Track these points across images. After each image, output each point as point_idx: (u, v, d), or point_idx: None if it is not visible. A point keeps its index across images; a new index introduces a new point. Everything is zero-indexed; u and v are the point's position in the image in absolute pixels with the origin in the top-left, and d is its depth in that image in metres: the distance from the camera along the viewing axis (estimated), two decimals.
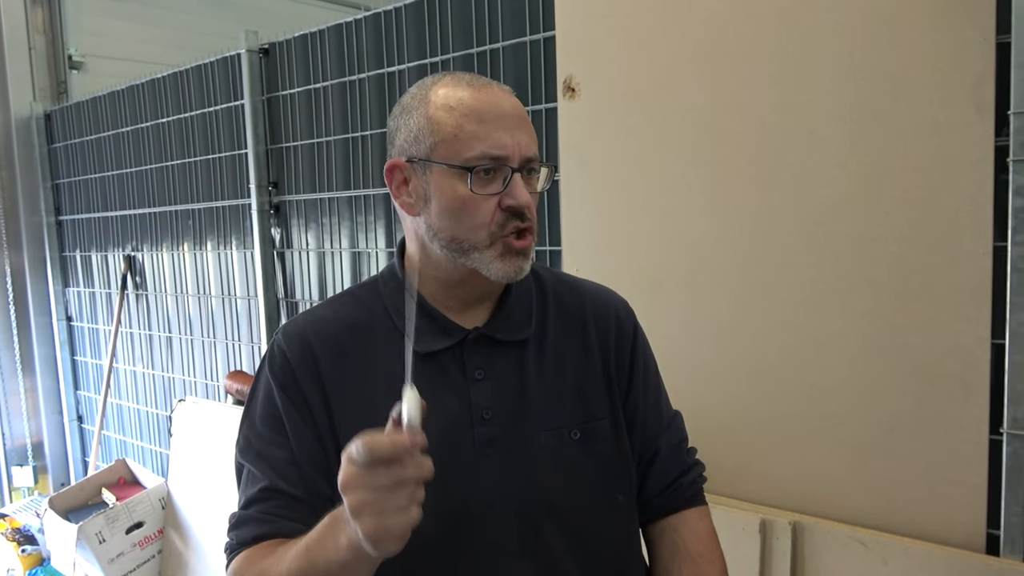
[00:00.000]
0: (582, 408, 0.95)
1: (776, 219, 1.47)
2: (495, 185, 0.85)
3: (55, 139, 3.68)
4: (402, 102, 0.92)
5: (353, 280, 2.42)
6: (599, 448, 0.95)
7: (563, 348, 0.96)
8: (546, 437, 0.92)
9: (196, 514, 2.69)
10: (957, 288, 1.29)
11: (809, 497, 1.47)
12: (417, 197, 0.89)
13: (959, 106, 1.26)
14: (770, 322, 1.49)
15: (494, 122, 0.85)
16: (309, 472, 0.87)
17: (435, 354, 0.90)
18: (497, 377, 0.91)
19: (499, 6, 1.92)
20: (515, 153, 0.85)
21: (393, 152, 0.92)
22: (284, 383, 0.90)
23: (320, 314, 0.96)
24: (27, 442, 3.81)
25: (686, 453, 1.05)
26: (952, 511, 1.32)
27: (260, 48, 2.59)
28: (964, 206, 1.27)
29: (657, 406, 1.03)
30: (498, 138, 0.84)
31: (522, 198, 0.85)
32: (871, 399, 1.39)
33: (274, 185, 2.63)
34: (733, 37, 1.49)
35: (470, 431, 0.89)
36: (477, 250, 0.87)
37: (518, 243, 0.87)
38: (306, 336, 0.92)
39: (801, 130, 1.42)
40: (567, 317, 0.99)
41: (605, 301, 1.03)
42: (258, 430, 0.91)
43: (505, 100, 0.87)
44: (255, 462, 0.90)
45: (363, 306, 0.95)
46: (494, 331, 0.93)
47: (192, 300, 3.05)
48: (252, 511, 0.88)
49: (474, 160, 0.84)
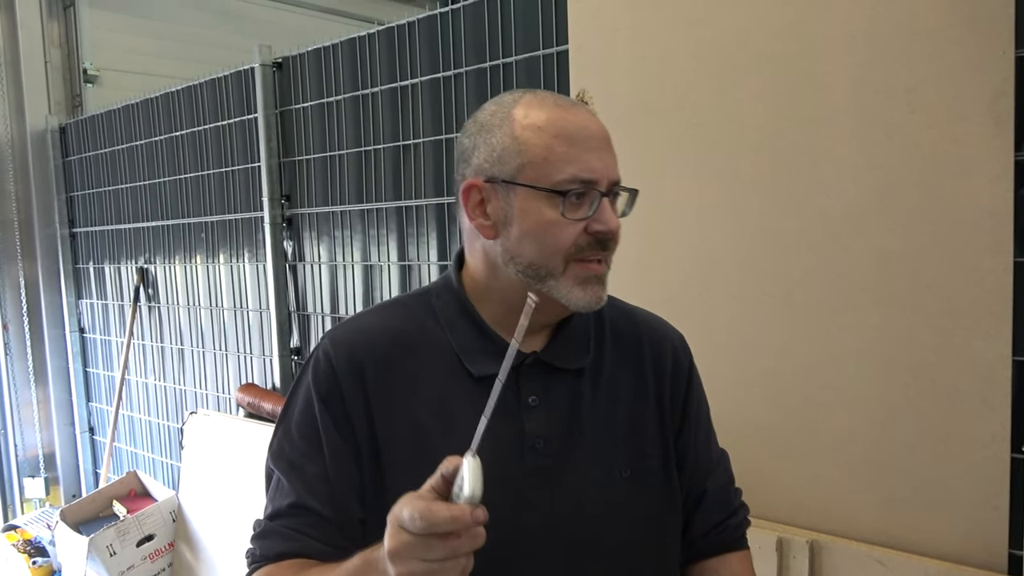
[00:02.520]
0: (634, 444, 0.92)
1: (791, 234, 1.46)
2: (583, 210, 0.82)
3: (70, 152, 3.71)
4: (479, 119, 0.88)
5: (365, 293, 2.42)
6: (649, 487, 0.92)
7: (618, 380, 0.93)
8: (596, 472, 0.88)
9: (207, 527, 2.68)
10: (976, 304, 1.27)
11: (826, 515, 1.45)
12: (496, 219, 0.85)
13: (977, 120, 1.25)
14: (786, 338, 1.48)
15: (584, 144, 0.82)
16: (341, 491, 0.85)
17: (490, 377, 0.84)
18: (551, 405, 0.88)
19: (512, 20, 1.93)
20: (604, 177, 0.83)
21: (468, 171, 0.87)
22: (326, 395, 0.86)
23: (369, 323, 0.92)
24: (39, 453, 3.82)
25: (733, 495, 1.02)
26: (973, 531, 1.30)
27: (274, 62, 2.61)
28: (983, 221, 1.25)
29: (707, 445, 1.00)
30: (588, 161, 0.82)
31: (612, 223, 0.83)
32: (889, 416, 1.37)
33: (287, 198, 2.64)
34: (747, 51, 1.48)
35: (520, 459, 0.86)
36: (554, 277, 0.83)
37: (598, 267, 0.84)
38: (354, 346, 0.88)
39: (816, 144, 1.41)
40: (623, 347, 0.95)
41: (662, 333, 0.99)
42: (293, 439, 0.88)
43: (593, 122, 0.85)
44: (286, 472, 0.87)
45: (413, 318, 0.91)
46: (552, 357, 0.89)
47: (204, 312, 3.06)
48: (278, 524, 0.86)
49: (565, 183, 0.81)
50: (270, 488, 0.90)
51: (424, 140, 2.17)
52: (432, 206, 2.19)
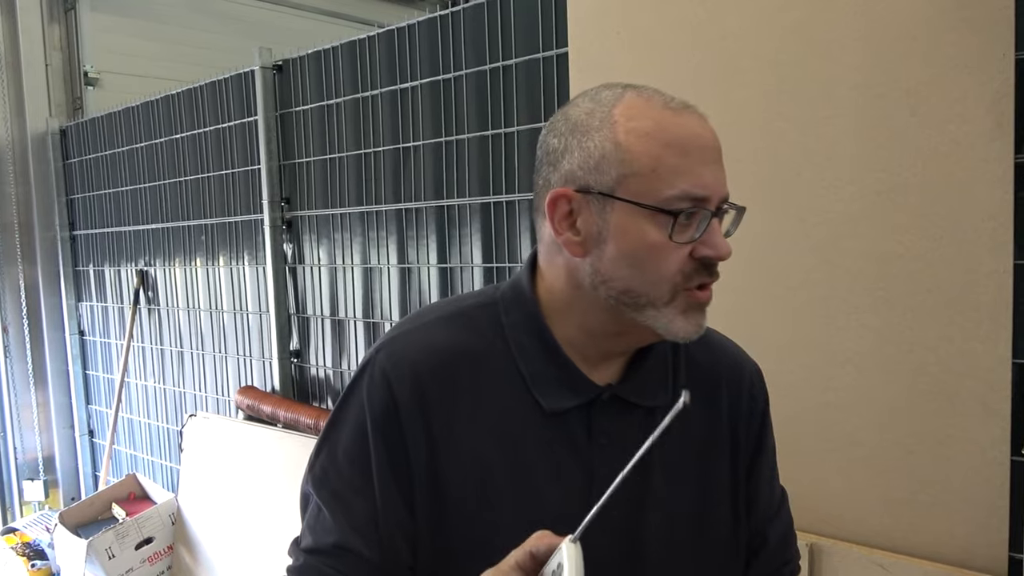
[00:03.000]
0: (702, 488, 0.84)
1: (791, 236, 1.46)
2: (691, 231, 0.72)
3: (70, 155, 3.72)
4: (571, 117, 0.76)
5: (365, 296, 2.42)
6: (713, 537, 0.85)
7: (692, 417, 0.81)
8: (658, 519, 0.81)
9: (206, 530, 2.68)
10: (976, 307, 1.27)
11: (826, 518, 1.45)
12: (587, 235, 0.74)
13: (978, 122, 1.25)
14: (785, 340, 1.48)
15: (698, 155, 0.72)
16: (390, 535, 0.77)
17: (563, 413, 0.78)
18: (623, 445, 0.78)
19: (512, 23, 1.93)
20: (716, 193, 0.73)
21: (556, 177, 0.76)
22: (384, 423, 0.77)
23: (433, 340, 0.80)
24: (38, 456, 3.82)
25: (791, 544, 0.95)
26: (974, 534, 1.29)
27: (274, 65, 2.61)
28: (984, 224, 1.25)
29: (772, 489, 0.93)
30: (701, 175, 0.71)
31: (723, 248, 0.73)
32: (889, 419, 1.37)
33: (286, 201, 2.64)
34: (748, 53, 1.48)
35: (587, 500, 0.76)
36: (654, 306, 0.74)
37: (703, 294, 0.75)
38: (418, 367, 0.78)
39: (817, 146, 1.41)
40: (700, 381, 0.85)
41: (740, 366, 0.91)
42: (340, 466, 0.79)
43: (706, 128, 0.75)
44: (330, 503, 0.78)
45: (480, 336, 0.80)
46: (628, 393, 0.80)
47: (204, 315, 3.06)
48: (319, 562, 0.78)
49: (675, 201, 0.70)
50: (308, 513, 0.81)
51: (424, 143, 2.17)
52: (432, 208, 2.19)
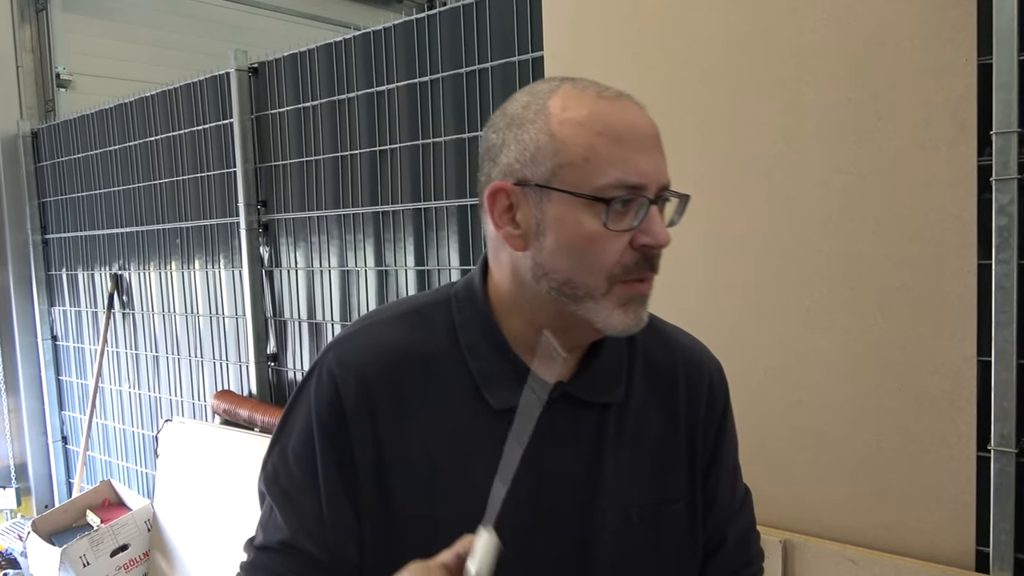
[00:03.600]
0: (658, 487, 0.83)
1: (762, 238, 1.48)
2: (628, 219, 0.71)
3: (42, 157, 3.67)
4: (508, 112, 0.77)
5: (342, 299, 2.42)
6: (668, 534, 0.84)
7: (647, 413, 0.83)
8: (611, 515, 0.80)
9: (182, 536, 2.65)
10: (942, 306, 1.30)
11: (799, 515, 1.47)
12: (527, 228, 0.74)
13: (942, 126, 1.28)
14: (757, 340, 1.50)
15: (632, 142, 0.71)
16: (338, 533, 0.77)
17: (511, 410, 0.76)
18: (574, 443, 0.79)
19: (488, 26, 1.94)
20: (654, 181, 0.72)
21: (495, 172, 0.75)
22: (329, 425, 0.77)
23: (382, 339, 0.80)
24: (10, 463, 3.76)
25: (753, 544, 0.93)
26: (941, 528, 1.32)
27: (249, 67, 2.60)
28: (948, 225, 1.28)
29: (733, 488, 0.91)
30: (637, 163, 0.70)
31: (661, 236, 0.72)
32: (858, 417, 1.40)
33: (263, 204, 2.63)
34: (717, 57, 1.51)
35: (536, 498, 0.78)
36: (593, 298, 0.72)
37: (642, 287, 0.74)
38: (365, 368, 0.77)
39: (786, 149, 1.44)
40: (656, 376, 0.85)
41: (700, 362, 0.89)
42: (289, 466, 0.79)
43: (641, 116, 0.74)
44: (280, 502, 0.79)
45: (431, 334, 0.80)
46: (579, 390, 0.79)
47: (179, 319, 3.03)
48: (268, 560, 0.78)
49: (609, 189, 0.70)
50: (263, 511, 0.82)
51: (401, 145, 2.18)
52: (409, 211, 2.19)
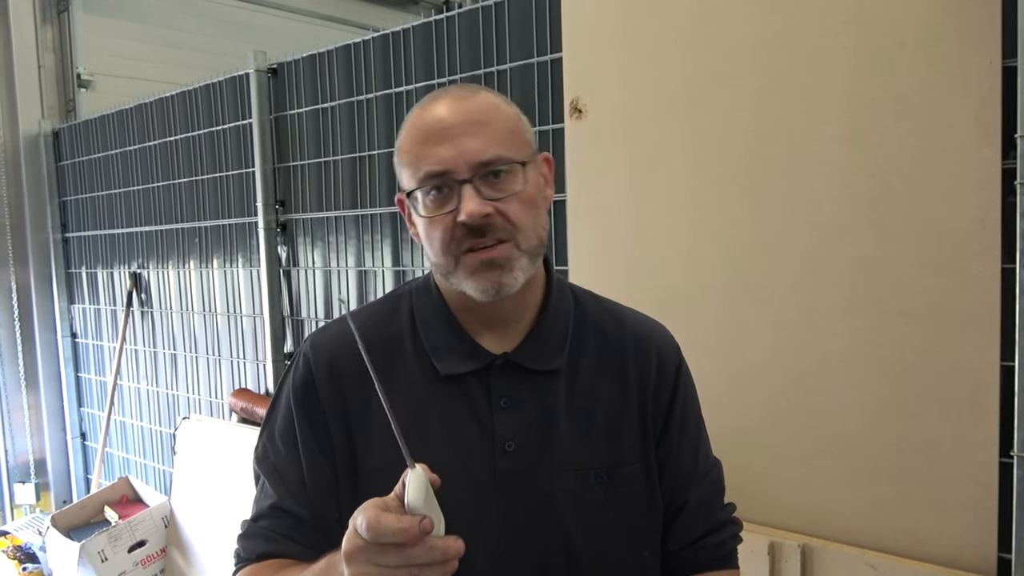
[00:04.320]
0: (612, 450, 0.89)
1: (782, 240, 1.47)
2: (451, 203, 0.80)
3: (63, 157, 3.71)
4: None
5: (359, 299, 2.43)
6: (626, 495, 0.89)
7: (598, 383, 0.90)
8: (569, 477, 0.86)
9: (199, 533, 2.67)
10: (965, 310, 1.29)
11: (818, 519, 1.46)
12: (416, 229, 0.87)
13: (965, 129, 1.27)
14: (776, 343, 1.49)
15: (436, 137, 0.80)
16: (318, 495, 0.87)
17: (459, 377, 0.86)
18: (523, 408, 0.86)
19: (507, 28, 1.94)
20: (459, 164, 0.79)
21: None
22: (304, 400, 0.88)
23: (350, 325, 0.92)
24: (30, 459, 3.80)
25: (719, 509, 0.97)
26: (962, 534, 1.31)
27: (269, 68, 2.62)
28: (971, 228, 1.27)
29: (694, 454, 0.96)
30: (437, 153, 0.79)
31: (466, 210, 0.78)
32: (879, 421, 1.39)
33: (281, 203, 2.65)
34: (739, 59, 1.50)
35: (491, 461, 0.85)
36: (452, 273, 0.83)
37: (479, 255, 0.80)
38: (334, 351, 0.89)
39: (807, 152, 1.43)
40: (606, 350, 0.92)
41: (648, 335, 0.95)
42: (276, 443, 0.90)
43: (454, 109, 0.81)
44: (269, 475, 0.89)
45: (395, 319, 0.91)
46: (522, 358, 0.87)
47: (198, 318, 3.05)
48: (260, 526, 0.88)
49: (422, 183, 0.80)
50: (257, 488, 0.92)
51: None
52: None
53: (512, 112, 0.85)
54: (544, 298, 0.91)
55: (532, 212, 0.83)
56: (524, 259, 0.82)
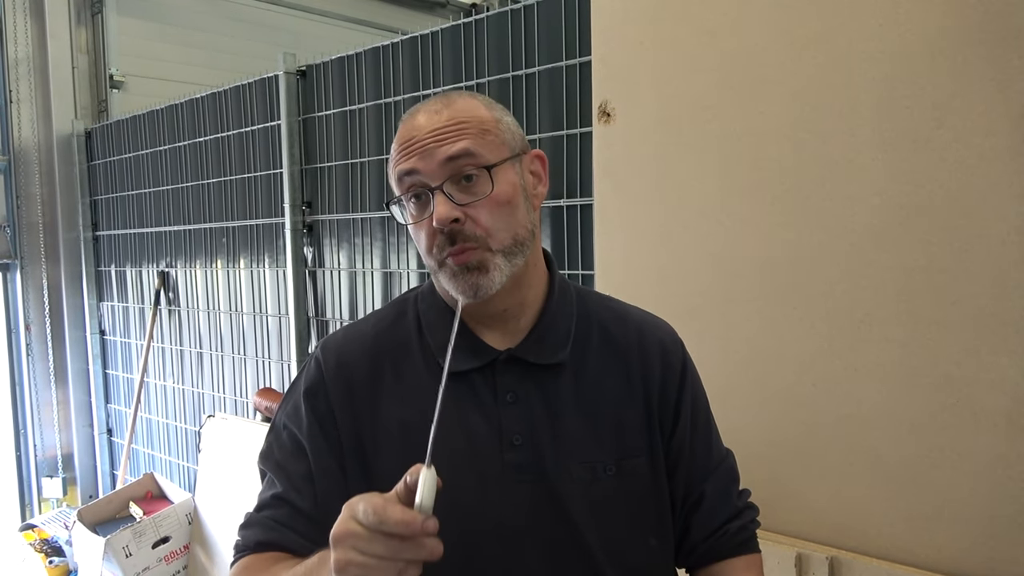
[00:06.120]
0: (618, 442, 0.90)
1: (814, 247, 1.45)
2: (429, 208, 0.83)
3: (95, 156, 3.77)
4: None
5: (384, 300, 2.44)
6: (633, 487, 0.91)
7: (603, 378, 0.92)
8: (578, 469, 0.88)
9: (222, 530, 2.69)
10: (1002, 320, 1.26)
11: (847, 531, 1.44)
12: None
13: (1004, 136, 1.24)
14: (807, 351, 1.47)
15: (411, 145, 0.84)
16: (325, 489, 0.87)
17: (465, 374, 0.88)
18: (529, 402, 0.88)
19: (535, 31, 1.94)
20: (431, 168, 0.82)
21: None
22: (314, 397, 0.90)
23: (360, 331, 0.95)
24: (57, 453, 3.86)
25: (736, 497, 1.00)
26: (997, 550, 1.28)
27: (297, 70, 2.64)
28: (1010, 237, 1.24)
29: (706, 447, 0.98)
30: (411, 161, 0.84)
31: (436, 215, 0.81)
32: (912, 432, 1.36)
33: (308, 205, 2.66)
34: (771, 64, 1.48)
35: (499, 456, 0.86)
36: (436, 274, 0.87)
37: (455, 259, 0.83)
38: (344, 354, 0.92)
39: (841, 158, 1.41)
40: (610, 345, 0.94)
41: (652, 331, 0.97)
42: (282, 440, 0.92)
43: (431, 118, 0.85)
44: (274, 470, 0.91)
45: (402, 322, 0.94)
46: (526, 353, 0.89)
47: (224, 317, 3.08)
48: (261, 515, 0.89)
49: (403, 191, 0.85)
50: (262, 486, 0.93)
51: None
52: None
53: (489, 115, 0.87)
54: (546, 296, 0.94)
55: (505, 213, 0.84)
56: (499, 258, 0.84)
